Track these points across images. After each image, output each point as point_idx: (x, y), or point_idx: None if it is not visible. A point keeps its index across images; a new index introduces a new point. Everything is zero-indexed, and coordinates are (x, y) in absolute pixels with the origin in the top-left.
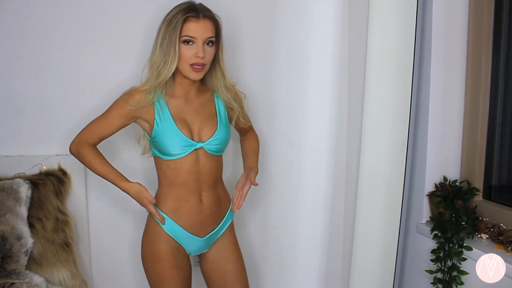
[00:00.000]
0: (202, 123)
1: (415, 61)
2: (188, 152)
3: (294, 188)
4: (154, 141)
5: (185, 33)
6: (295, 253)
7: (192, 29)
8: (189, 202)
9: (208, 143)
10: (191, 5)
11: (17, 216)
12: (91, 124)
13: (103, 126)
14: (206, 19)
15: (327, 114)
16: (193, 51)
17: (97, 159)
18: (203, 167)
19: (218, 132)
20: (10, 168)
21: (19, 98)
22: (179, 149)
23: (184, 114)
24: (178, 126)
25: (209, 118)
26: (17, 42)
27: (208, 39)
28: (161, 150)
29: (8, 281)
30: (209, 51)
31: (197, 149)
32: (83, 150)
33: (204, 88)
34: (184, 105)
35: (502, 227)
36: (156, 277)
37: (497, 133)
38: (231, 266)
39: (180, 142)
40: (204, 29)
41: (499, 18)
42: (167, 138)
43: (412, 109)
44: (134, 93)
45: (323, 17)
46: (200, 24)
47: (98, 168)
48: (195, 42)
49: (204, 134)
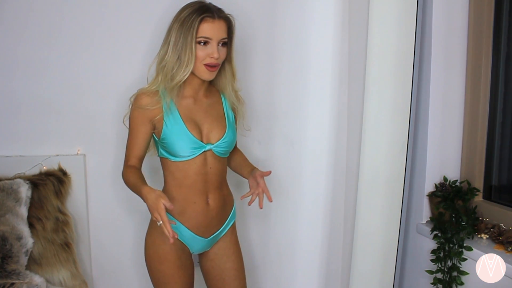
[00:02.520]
0: (212, 124)
1: (415, 61)
2: (197, 154)
3: (294, 188)
4: (163, 142)
5: (201, 34)
6: (295, 253)
7: (208, 30)
8: (196, 204)
9: (217, 145)
10: (204, 5)
11: (17, 216)
12: (127, 149)
13: (135, 144)
14: (221, 20)
15: (327, 114)
16: (207, 51)
17: (133, 174)
18: (211, 169)
19: (227, 135)
20: (10, 168)
21: (19, 98)
22: (188, 151)
23: (193, 115)
24: (188, 127)
25: (218, 120)
26: (17, 42)
27: (222, 39)
28: (169, 151)
29: (8, 281)
30: (223, 51)
31: (206, 151)
32: (125, 173)
33: (213, 89)
34: (193, 105)
35: (502, 227)
36: (161, 278)
37: (497, 133)
38: (230, 265)
39: (189, 144)
40: (219, 29)
41: (499, 18)
42: (177, 140)
43: (412, 109)
44: (142, 96)
45: (323, 17)
46: (215, 24)
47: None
48: (210, 42)
49: (213, 136)
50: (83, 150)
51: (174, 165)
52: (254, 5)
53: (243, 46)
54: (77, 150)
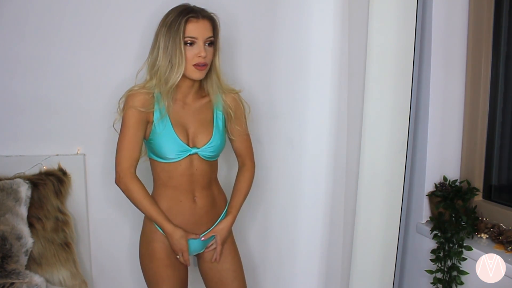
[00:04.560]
0: (198, 129)
1: (415, 61)
2: (182, 157)
3: (294, 188)
4: (150, 143)
5: (187, 34)
6: (295, 253)
7: (194, 30)
8: (182, 202)
9: (203, 149)
10: (188, 7)
11: (17, 216)
12: (120, 150)
13: (130, 144)
14: (205, 19)
15: (327, 114)
16: (195, 51)
17: (147, 197)
18: (197, 170)
19: (213, 140)
20: (10, 168)
21: (19, 98)
22: (174, 154)
23: (181, 118)
24: (175, 131)
25: (204, 125)
26: (17, 42)
27: (208, 38)
28: (156, 153)
29: (8, 281)
30: (210, 51)
31: (191, 154)
32: (131, 185)
33: (202, 93)
34: (181, 109)
35: (502, 227)
36: (151, 276)
37: (497, 133)
38: (228, 266)
39: (175, 147)
40: (204, 28)
41: (499, 18)
42: (163, 142)
43: (412, 109)
44: (137, 96)
45: (323, 17)
46: (200, 24)
47: (147, 207)
48: (196, 42)
49: (198, 141)
50: (83, 150)
51: (160, 166)
52: (254, 5)
53: (243, 46)
54: (77, 150)
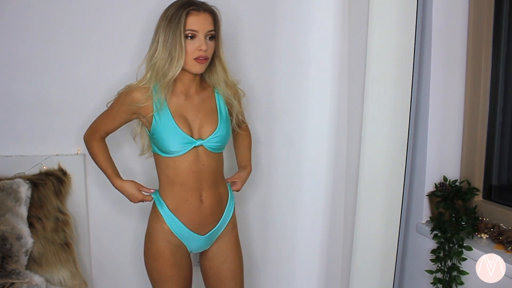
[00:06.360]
0: (203, 120)
1: (415, 61)
2: (187, 150)
3: (294, 188)
4: (153, 137)
5: (188, 27)
6: (295, 253)
7: (194, 23)
8: (189, 201)
9: (208, 140)
10: (189, 0)
11: (17, 216)
12: (98, 119)
13: (107, 122)
14: (206, 12)
15: (327, 114)
16: (195, 45)
17: (101, 152)
18: (203, 166)
19: (219, 129)
20: (10, 168)
21: (19, 98)
22: (178, 147)
23: (184, 111)
24: (177, 123)
25: (209, 115)
26: (17, 42)
27: (209, 32)
28: (159, 147)
29: (8, 281)
30: (211, 44)
31: (197, 147)
32: (91, 142)
33: (205, 85)
34: (184, 102)
35: (502, 227)
36: (156, 275)
37: (497, 133)
38: (227, 266)
39: (179, 139)
40: (205, 22)
41: (499, 18)
42: (166, 135)
43: (412, 109)
44: (132, 90)
45: (323, 17)
46: (201, 17)
47: (99, 161)
48: (197, 35)
49: (204, 132)
50: (83, 150)
51: (165, 162)
52: (255, 5)
53: (243, 45)
54: (77, 150)
